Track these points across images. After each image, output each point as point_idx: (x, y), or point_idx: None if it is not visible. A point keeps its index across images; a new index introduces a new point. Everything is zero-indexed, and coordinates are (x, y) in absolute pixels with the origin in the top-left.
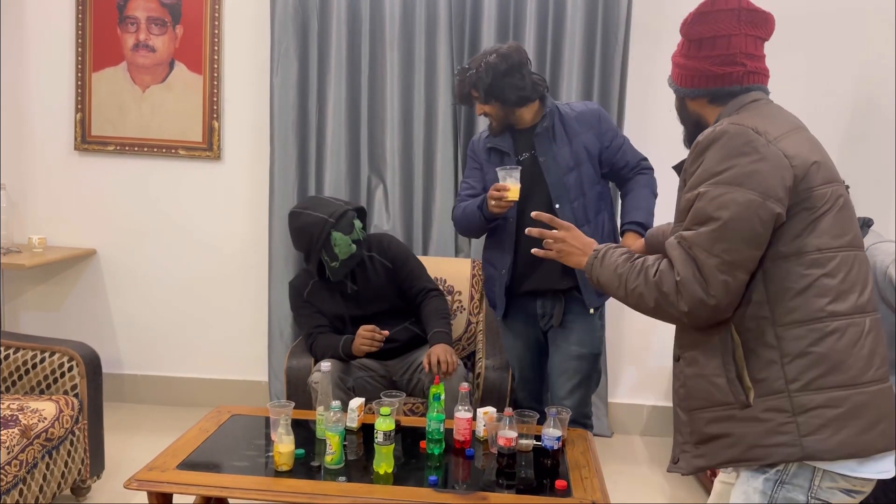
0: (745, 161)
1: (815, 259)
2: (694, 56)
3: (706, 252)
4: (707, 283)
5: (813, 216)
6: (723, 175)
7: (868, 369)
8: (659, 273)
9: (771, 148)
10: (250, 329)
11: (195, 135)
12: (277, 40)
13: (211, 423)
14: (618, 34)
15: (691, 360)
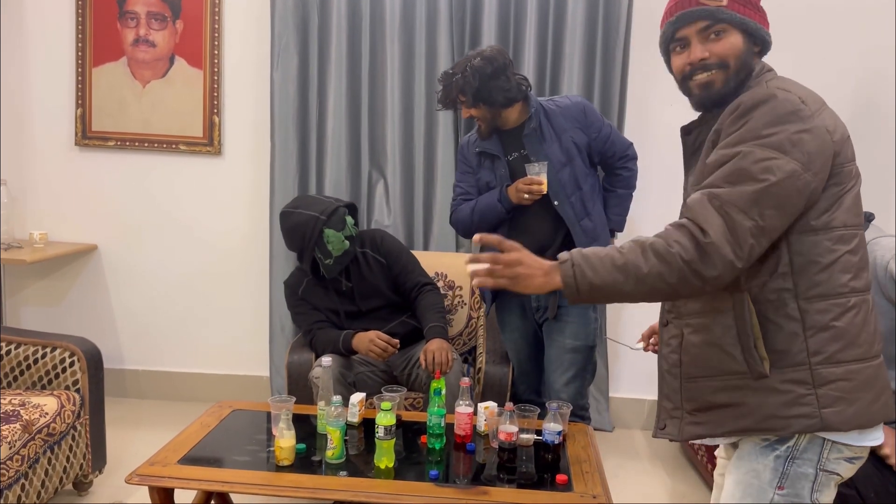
0: (792, 129)
1: (842, 235)
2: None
3: (743, 213)
4: (739, 244)
5: (842, 192)
6: (770, 139)
7: (875, 343)
8: (675, 243)
9: (815, 120)
10: (251, 324)
11: (195, 130)
12: (278, 35)
13: (212, 418)
14: (619, 27)
15: (699, 327)
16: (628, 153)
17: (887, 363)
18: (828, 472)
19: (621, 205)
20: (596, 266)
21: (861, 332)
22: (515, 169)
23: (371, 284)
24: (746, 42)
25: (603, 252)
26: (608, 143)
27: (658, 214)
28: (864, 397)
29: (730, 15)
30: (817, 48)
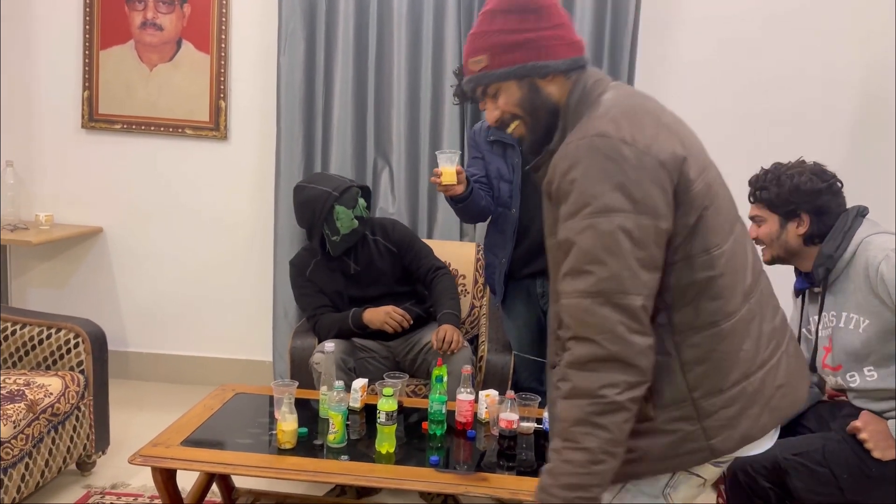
0: (625, 180)
1: (704, 261)
2: (545, 28)
3: (630, 294)
4: (641, 324)
5: (695, 218)
6: (605, 201)
7: (758, 354)
8: (606, 388)
9: (646, 158)
10: (255, 309)
11: (202, 114)
12: (285, 20)
13: (215, 401)
14: (627, 19)
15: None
16: None
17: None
18: (687, 472)
19: None
20: (562, 474)
21: (740, 351)
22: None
23: (378, 270)
24: (523, 87)
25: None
26: None
27: None
28: (751, 414)
29: (491, 75)
30: (822, 40)
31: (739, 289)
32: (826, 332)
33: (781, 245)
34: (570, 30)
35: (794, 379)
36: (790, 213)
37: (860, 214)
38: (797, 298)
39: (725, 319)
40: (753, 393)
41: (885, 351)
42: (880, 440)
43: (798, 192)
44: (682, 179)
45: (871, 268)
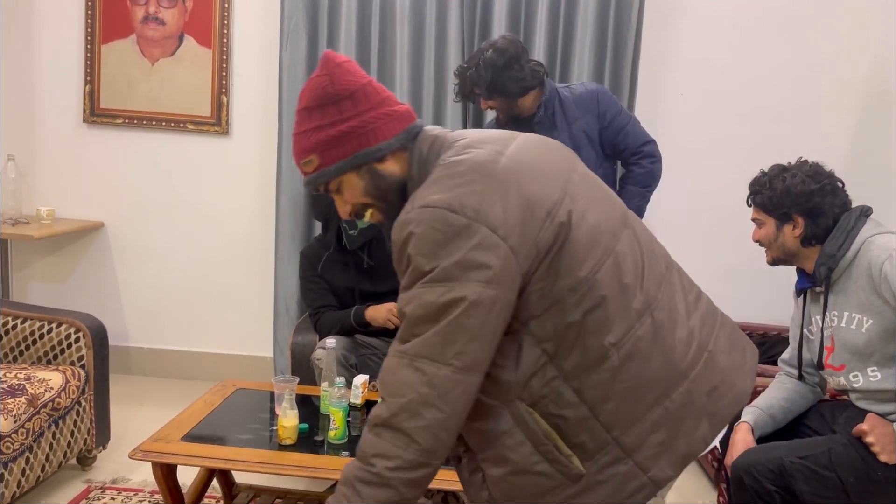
0: (454, 251)
1: (575, 301)
2: (363, 111)
3: (436, 362)
4: (444, 399)
5: (548, 262)
6: (434, 274)
7: (674, 367)
8: (376, 458)
9: (475, 225)
10: (256, 304)
11: (203, 109)
12: (287, 15)
13: (216, 397)
14: (631, 14)
15: (496, 459)
16: (643, 149)
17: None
18: None
19: (631, 202)
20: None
21: (647, 372)
22: None
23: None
24: (363, 175)
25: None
26: (621, 135)
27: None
28: (684, 430)
29: (326, 173)
30: (826, 41)
31: (630, 309)
32: (828, 331)
33: (780, 247)
34: (393, 102)
35: (730, 375)
36: (784, 215)
37: (864, 214)
38: (798, 298)
39: (616, 349)
40: (680, 409)
41: (887, 351)
42: (887, 443)
43: (789, 195)
44: (522, 234)
45: (875, 267)
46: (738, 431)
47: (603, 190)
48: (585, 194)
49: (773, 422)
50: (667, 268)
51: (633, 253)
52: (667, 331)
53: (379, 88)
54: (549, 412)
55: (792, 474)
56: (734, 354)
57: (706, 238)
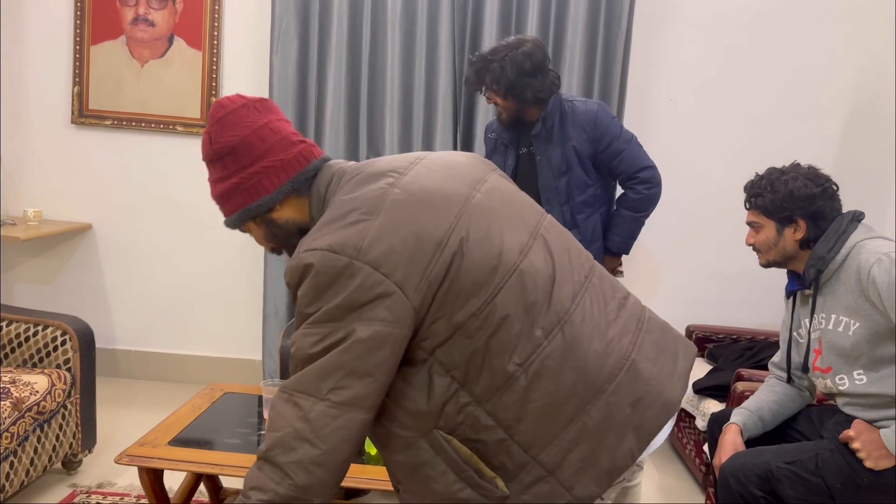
0: (334, 294)
1: (477, 326)
2: (245, 166)
3: (311, 397)
4: (317, 434)
5: (444, 292)
6: (316, 315)
7: (590, 380)
8: (252, 491)
9: (356, 265)
10: (245, 307)
11: (193, 111)
12: (278, 17)
13: (203, 401)
14: (621, 20)
15: (420, 491)
16: (639, 175)
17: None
18: None
19: (622, 226)
20: None
21: (560, 389)
22: (523, 164)
23: None
24: (260, 224)
25: None
26: (616, 160)
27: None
28: (607, 445)
29: (230, 222)
30: (817, 46)
31: (536, 327)
32: (816, 334)
33: (779, 251)
34: (281, 149)
35: (655, 384)
36: (786, 218)
37: (856, 219)
38: (788, 301)
39: (523, 369)
40: (600, 424)
41: (874, 354)
42: (873, 449)
43: (793, 198)
44: (409, 268)
45: (863, 271)
46: (726, 433)
47: (514, 202)
48: (487, 214)
49: (763, 424)
50: (586, 277)
51: (542, 267)
52: (579, 345)
53: (265, 136)
54: (467, 437)
55: (779, 479)
56: (662, 361)
57: (695, 242)
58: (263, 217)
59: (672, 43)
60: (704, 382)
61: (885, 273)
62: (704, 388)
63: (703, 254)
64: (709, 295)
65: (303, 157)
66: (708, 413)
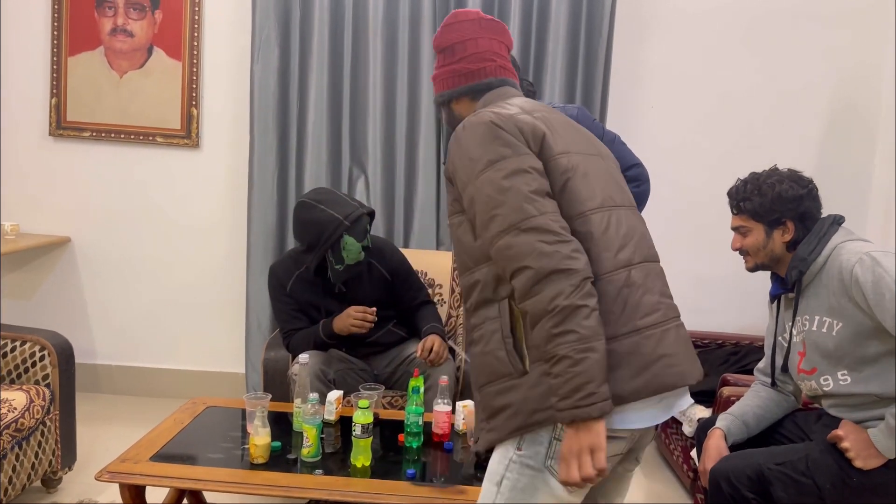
0: (494, 137)
1: (580, 221)
2: (450, 62)
3: (529, 216)
4: (554, 234)
5: (557, 185)
6: (487, 157)
7: (628, 321)
8: (531, 315)
9: (507, 123)
10: (228, 320)
11: (173, 122)
12: (258, 27)
13: (186, 415)
14: (602, 28)
15: (479, 338)
16: (627, 173)
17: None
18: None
19: None
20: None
21: (604, 313)
22: None
23: (367, 295)
24: (445, 110)
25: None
26: None
27: None
28: (620, 375)
29: (435, 100)
30: (796, 50)
31: (608, 256)
32: (800, 336)
33: (768, 253)
34: (472, 61)
35: (679, 356)
36: (775, 221)
37: (836, 222)
38: (772, 306)
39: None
40: (624, 355)
41: (857, 354)
42: (861, 449)
43: (781, 200)
44: (543, 148)
45: (845, 271)
46: (710, 438)
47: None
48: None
49: (747, 429)
50: (647, 252)
51: (629, 220)
52: (642, 287)
53: (468, 47)
54: (523, 317)
55: (770, 481)
56: (689, 349)
57: (678, 248)
58: (446, 106)
59: (653, 50)
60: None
61: (868, 272)
62: (691, 393)
63: (686, 259)
64: (693, 300)
65: (484, 73)
66: (695, 419)
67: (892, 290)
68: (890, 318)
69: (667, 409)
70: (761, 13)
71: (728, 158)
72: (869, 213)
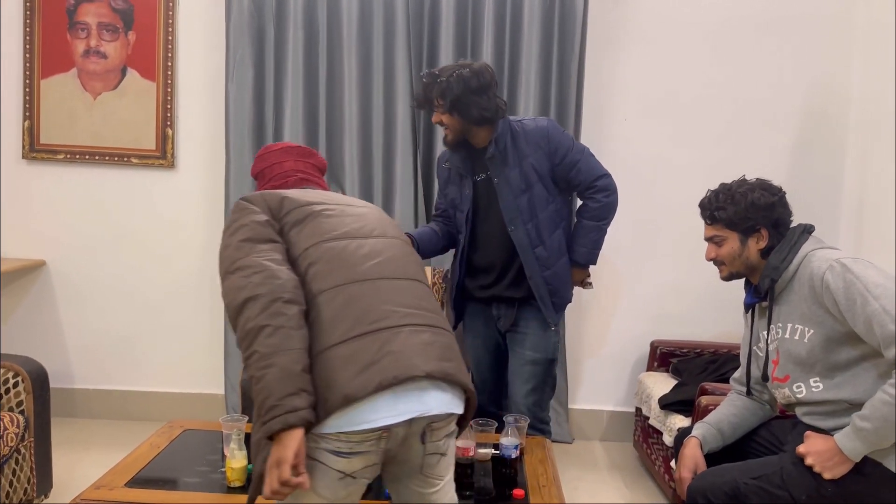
0: (234, 216)
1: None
2: (262, 185)
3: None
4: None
5: (299, 220)
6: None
7: (350, 328)
8: None
9: (255, 197)
10: (206, 341)
11: (148, 143)
12: (233, 46)
13: (162, 439)
14: (574, 42)
15: None
16: (596, 184)
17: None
18: (311, 459)
19: (586, 236)
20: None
21: (329, 322)
22: (481, 190)
23: None
24: None
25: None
26: (573, 171)
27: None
28: (343, 376)
29: None
30: (766, 60)
31: (321, 279)
32: (774, 344)
33: (743, 262)
34: (278, 178)
35: (412, 352)
36: (749, 228)
37: (806, 231)
38: (747, 315)
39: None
40: (348, 357)
41: (829, 361)
42: (826, 460)
43: (755, 208)
44: (283, 205)
45: (816, 277)
46: (686, 446)
47: None
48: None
49: (722, 437)
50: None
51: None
52: (364, 299)
53: (278, 169)
54: None
55: (746, 495)
56: (428, 349)
57: (654, 258)
58: None
59: (626, 63)
60: (670, 398)
61: (839, 278)
62: (670, 403)
63: (663, 269)
64: (671, 310)
65: (286, 186)
66: (674, 428)
67: (864, 296)
68: (861, 324)
69: (416, 404)
70: (730, 25)
71: (701, 168)
72: (841, 220)
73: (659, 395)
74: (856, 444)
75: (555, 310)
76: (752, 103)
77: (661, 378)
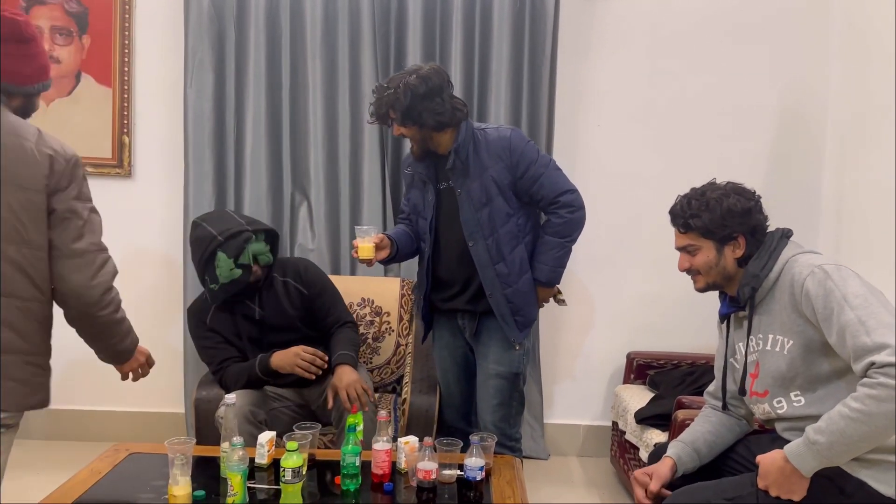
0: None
1: None
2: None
3: None
4: None
5: None
6: None
7: None
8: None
9: None
10: (164, 357)
11: (104, 151)
12: (192, 50)
13: (104, 464)
14: (545, 47)
15: None
16: (560, 199)
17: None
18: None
19: (547, 253)
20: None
21: None
22: (445, 199)
23: (286, 313)
24: None
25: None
26: (535, 186)
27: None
28: None
29: None
30: (740, 66)
31: None
32: (753, 356)
33: (720, 271)
34: None
35: None
36: (726, 236)
37: (785, 236)
38: (722, 326)
39: None
40: None
41: (809, 373)
42: (783, 484)
43: (732, 215)
44: None
45: (797, 284)
46: (660, 465)
47: None
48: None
49: (699, 456)
50: None
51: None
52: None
53: None
54: None
55: None
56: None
57: (628, 267)
58: None
59: (598, 69)
60: (647, 412)
61: (819, 285)
62: (647, 417)
63: (638, 280)
64: (647, 321)
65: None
66: (651, 444)
67: (841, 305)
68: (835, 334)
69: None
70: (704, 31)
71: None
72: (820, 225)
73: (635, 409)
74: (806, 459)
75: (518, 328)
76: (728, 107)
77: (637, 391)
